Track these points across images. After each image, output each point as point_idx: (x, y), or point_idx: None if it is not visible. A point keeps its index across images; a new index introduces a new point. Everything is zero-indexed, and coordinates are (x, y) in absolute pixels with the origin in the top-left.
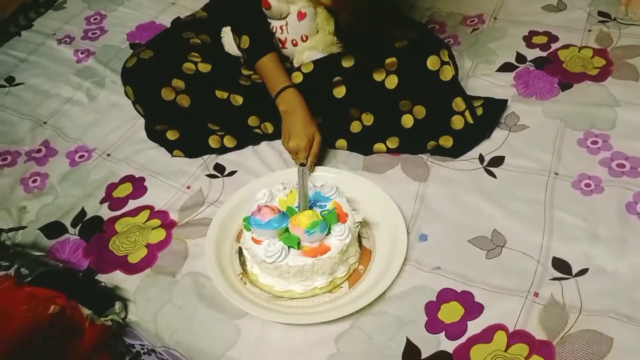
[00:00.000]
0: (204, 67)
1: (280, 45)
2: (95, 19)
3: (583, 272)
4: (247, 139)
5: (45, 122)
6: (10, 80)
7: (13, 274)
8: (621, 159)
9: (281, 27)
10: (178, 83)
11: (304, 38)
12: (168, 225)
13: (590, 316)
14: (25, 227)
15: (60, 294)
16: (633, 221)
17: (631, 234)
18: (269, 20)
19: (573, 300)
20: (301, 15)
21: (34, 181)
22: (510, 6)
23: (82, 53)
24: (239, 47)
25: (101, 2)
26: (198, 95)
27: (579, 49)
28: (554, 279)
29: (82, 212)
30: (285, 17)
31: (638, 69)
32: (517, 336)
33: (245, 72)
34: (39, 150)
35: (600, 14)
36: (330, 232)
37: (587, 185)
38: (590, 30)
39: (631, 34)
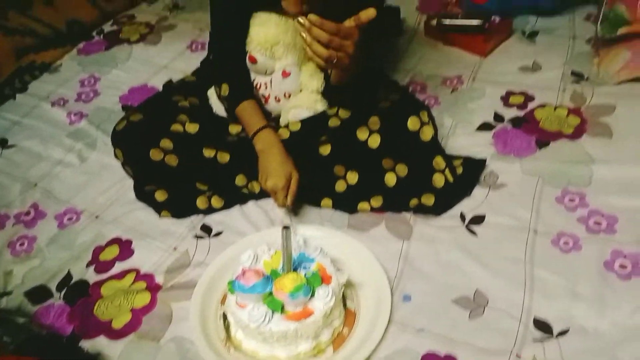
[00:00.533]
0: (192, 128)
1: (264, 101)
2: (89, 82)
3: (564, 332)
4: (234, 198)
5: (35, 185)
6: (3, 143)
7: None
8: (598, 216)
9: (265, 84)
10: (166, 143)
11: (287, 95)
12: (153, 288)
13: None
14: (10, 293)
15: None
16: (611, 278)
17: (610, 292)
18: (253, 76)
19: (554, 358)
20: (285, 74)
21: (22, 244)
22: (487, 67)
23: (74, 115)
24: (219, 96)
25: (95, 65)
26: (186, 155)
27: (554, 108)
28: (536, 340)
29: (68, 276)
30: (270, 74)
31: (611, 126)
32: None
33: (232, 129)
34: (27, 213)
35: (573, 73)
36: (314, 295)
37: (566, 242)
38: (564, 90)
39: (603, 93)
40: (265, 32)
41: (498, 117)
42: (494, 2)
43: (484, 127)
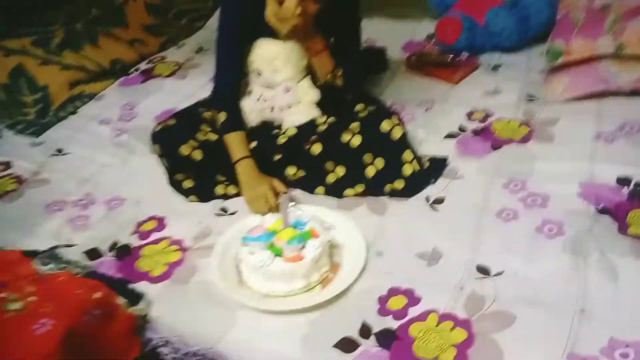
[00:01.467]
0: (212, 136)
1: (269, 111)
2: (128, 107)
3: (499, 274)
4: None
5: (87, 180)
6: (60, 151)
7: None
8: (534, 196)
9: (271, 97)
10: (193, 142)
11: (289, 106)
12: (183, 249)
13: (501, 301)
14: (76, 245)
15: (103, 284)
16: (541, 238)
17: (538, 248)
18: (261, 90)
19: (489, 291)
20: (286, 89)
21: (79, 221)
22: (456, 93)
23: (118, 130)
24: (215, 119)
25: (133, 94)
26: (207, 152)
27: (508, 121)
28: (477, 278)
29: (116, 242)
30: (273, 88)
31: (554, 134)
32: (445, 316)
33: None
34: (82, 199)
35: (528, 95)
36: (305, 246)
37: (507, 214)
38: (519, 107)
39: (550, 109)
40: (265, 50)
41: (462, 129)
42: (461, 42)
43: (450, 136)
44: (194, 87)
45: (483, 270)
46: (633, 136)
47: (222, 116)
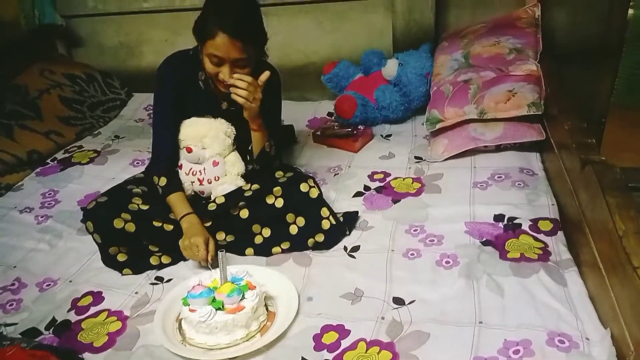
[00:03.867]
0: (144, 206)
1: (198, 183)
2: (49, 194)
3: (412, 302)
4: (178, 256)
5: (15, 266)
6: None
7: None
8: (432, 236)
9: (200, 171)
10: (125, 216)
11: (217, 178)
12: (123, 318)
13: (416, 324)
14: (16, 324)
15: (52, 355)
16: (440, 270)
17: (438, 277)
18: (190, 165)
19: (406, 317)
20: (215, 163)
21: (10, 305)
22: (358, 159)
23: (41, 217)
24: (156, 184)
25: (53, 182)
26: (140, 225)
27: (403, 179)
28: (394, 308)
29: (54, 319)
30: (202, 163)
31: (440, 186)
32: (372, 343)
33: (172, 215)
34: (12, 284)
35: (415, 157)
36: (244, 297)
37: (412, 254)
38: (410, 168)
39: (435, 167)
40: (195, 129)
41: (366, 188)
42: (357, 118)
43: (357, 194)
44: (115, 170)
45: (398, 301)
46: (502, 182)
47: (162, 181)
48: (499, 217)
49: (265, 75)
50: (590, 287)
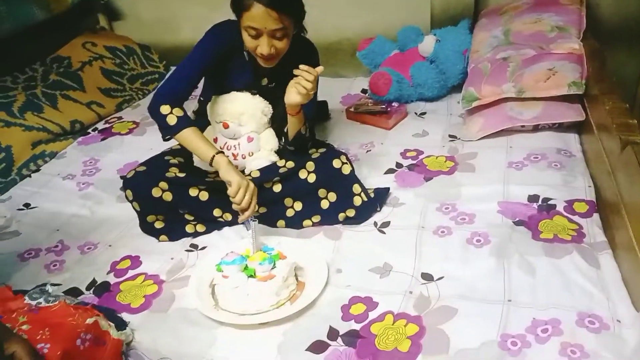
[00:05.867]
0: (181, 174)
1: (232, 158)
2: (90, 162)
3: (440, 278)
4: (212, 225)
5: (58, 230)
6: (27, 205)
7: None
8: (463, 215)
9: (234, 146)
10: (163, 185)
11: (251, 154)
12: (159, 282)
13: (444, 299)
14: (60, 284)
15: (93, 309)
16: (470, 248)
17: (469, 255)
18: (225, 139)
19: (434, 293)
20: (250, 139)
21: (54, 266)
22: (391, 136)
23: (83, 184)
24: (165, 114)
25: (94, 150)
26: (177, 194)
27: (436, 157)
28: (422, 283)
29: (94, 281)
30: (237, 138)
31: (474, 165)
32: (400, 315)
33: (209, 178)
34: (56, 246)
35: (450, 135)
36: (275, 266)
37: (442, 231)
38: (444, 146)
39: (469, 145)
40: (234, 105)
41: (399, 165)
42: (392, 95)
43: (389, 171)
44: (154, 141)
45: (427, 277)
46: (538, 163)
47: (178, 111)
48: (533, 198)
49: (321, 68)
50: (625, 270)
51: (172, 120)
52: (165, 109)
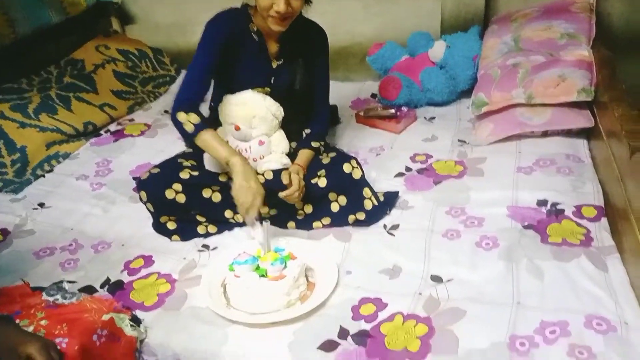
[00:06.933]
0: (195, 172)
1: None
2: (103, 163)
3: (450, 280)
4: (224, 227)
5: (72, 229)
6: (42, 205)
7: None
8: (472, 219)
9: (245, 149)
10: (177, 187)
11: (261, 157)
12: (172, 281)
13: (453, 301)
14: (75, 282)
15: (109, 300)
16: (479, 251)
17: (478, 258)
18: (236, 142)
19: (443, 294)
20: (261, 143)
21: (69, 264)
22: (400, 140)
23: (95, 185)
24: (182, 121)
25: (107, 151)
26: (190, 196)
27: (445, 161)
28: (432, 285)
29: (107, 279)
30: (248, 141)
31: (483, 170)
32: (409, 316)
33: (222, 178)
34: (70, 245)
35: (459, 140)
36: (286, 267)
37: (451, 234)
38: (453, 151)
39: (479, 150)
40: (245, 109)
41: (408, 169)
42: (401, 99)
43: (398, 175)
44: (165, 143)
45: (436, 279)
46: (547, 168)
47: (194, 118)
48: (542, 202)
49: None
50: (633, 274)
51: (188, 127)
52: (181, 116)
